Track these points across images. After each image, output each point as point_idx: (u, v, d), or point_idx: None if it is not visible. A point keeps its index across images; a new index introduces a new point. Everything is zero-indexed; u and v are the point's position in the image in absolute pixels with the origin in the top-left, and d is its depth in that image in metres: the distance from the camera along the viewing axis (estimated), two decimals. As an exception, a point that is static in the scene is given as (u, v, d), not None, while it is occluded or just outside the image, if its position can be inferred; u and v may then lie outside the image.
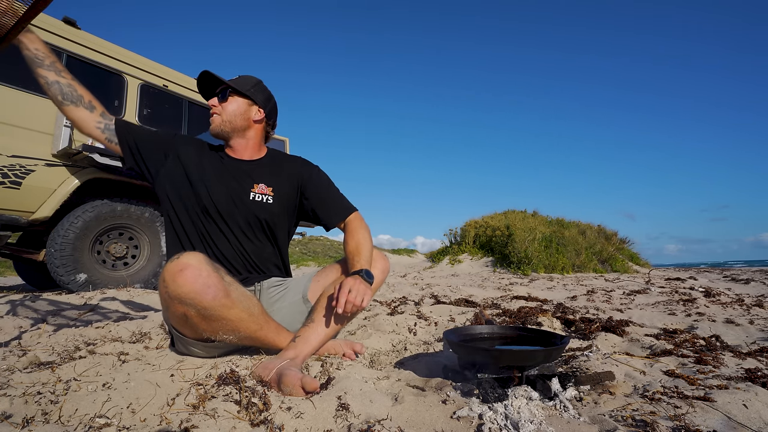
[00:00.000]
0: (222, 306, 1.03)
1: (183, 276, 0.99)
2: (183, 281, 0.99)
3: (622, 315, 2.40)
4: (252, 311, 1.11)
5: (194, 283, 0.99)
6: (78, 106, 1.26)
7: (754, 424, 0.81)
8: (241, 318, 1.07)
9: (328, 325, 1.20)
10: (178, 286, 1.00)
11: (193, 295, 1.00)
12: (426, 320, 1.95)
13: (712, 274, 7.39)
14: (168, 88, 3.92)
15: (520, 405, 0.86)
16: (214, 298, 1.01)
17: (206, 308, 1.02)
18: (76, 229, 3.05)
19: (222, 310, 1.04)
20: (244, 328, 1.09)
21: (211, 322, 1.05)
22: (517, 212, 12.90)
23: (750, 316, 2.25)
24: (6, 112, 2.84)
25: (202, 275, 1.00)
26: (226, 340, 1.11)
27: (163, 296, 1.06)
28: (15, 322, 1.69)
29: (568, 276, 7.70)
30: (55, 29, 3.15)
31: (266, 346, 1.19)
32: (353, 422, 0.80)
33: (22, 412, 0.79)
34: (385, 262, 1.36)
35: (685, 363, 1.27)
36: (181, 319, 1.08)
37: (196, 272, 1.00)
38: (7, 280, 7.01)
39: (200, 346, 1.19)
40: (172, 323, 1.16)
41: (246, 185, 1.35)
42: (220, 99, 1.35)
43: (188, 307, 1.02)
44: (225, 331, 1.08)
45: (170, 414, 0.82)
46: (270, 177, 1.40)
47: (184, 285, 0.99)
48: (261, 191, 1.36)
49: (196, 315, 1.04)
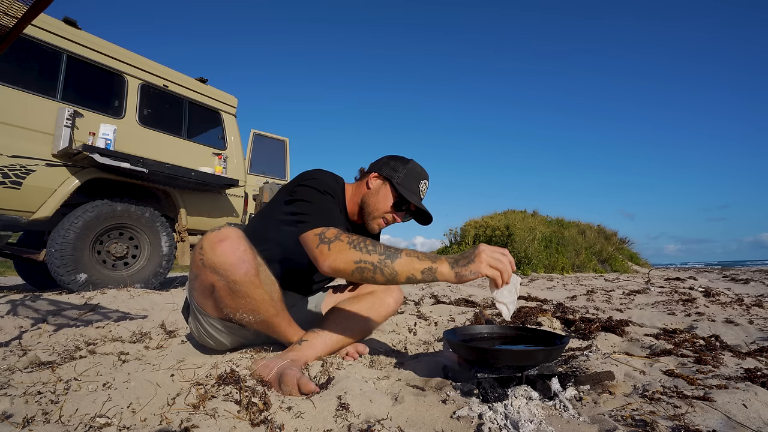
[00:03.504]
0: (250, 283, 1.04)
1: (222, 246, 1.01)
2: (221, 251, 1.01)
3: (622, 315, 2.40)
4: (273, 296, 1.11)
5: (231, 255, 1.01)
6: None
7: (753, 424, 0.81)
8: (264, 299, 1.08)
9: (336, 338, 1.22)
10: (216, 254, 1.01)
11: (228, 266, 1.01)
12: (426, 320, 1.96)
13: (712, 274, 7.39)
14: (168, 88, 3.92)
15: (520, 405, 0.86)
16: (246, 274, 1.02)
17: (236, 282, 1.03)
18: (77, 229, 3.05)
19: (249, 288, 1.04)
20: (263, 310, 1.10)
21: (236, 298, 1.06)
22: (517, 212, 12.90)
23: (749, 315, 2.25)
24: (6, 112, 2.84)
25: (240, 249, 1.02)
26: (243, 320, 1.12)
27: (197, 263, 1.07)
28: (15, 322, 1.69)
29: (567, 276, 7.71)
30: (55, 29, 3.15)
31: (276, 334, 1.20)
32: (353, 422, 0.80)
33: (22, 411, 0.79)
34: (400, 292, 1.38)
35: (685, 363, 1.27)
36: (207, 290, 1.09)
37: (235, 245, 1.02)
38: (7, 280, 7.02)
39: (217, 324, 1.19)
40: (195, 295, 1.16)
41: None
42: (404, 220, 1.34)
43: (219, 277, 1.03)
44: (245, 310, 1.09)
45: (170, 414, 0.82)
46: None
47: (222, 255, 1.01)
48: None
49: (225, 287, 1.04)
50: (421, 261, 0.96)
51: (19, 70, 3.02)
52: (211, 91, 4.30)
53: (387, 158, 1.34)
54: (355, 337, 1.28)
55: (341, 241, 1.00)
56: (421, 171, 1.31)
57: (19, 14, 0.83)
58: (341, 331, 1.23)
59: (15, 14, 0.84)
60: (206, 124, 4.37)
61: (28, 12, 0.81)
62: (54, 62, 3.15)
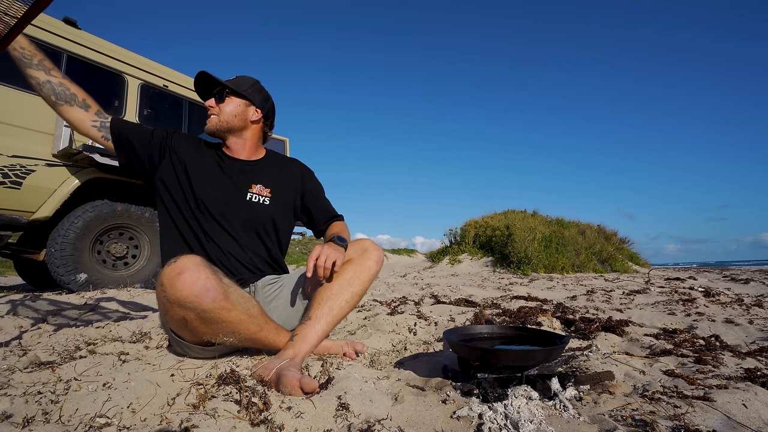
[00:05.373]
0: (222, 309, 1.01)
1: (181, 279, 0.97)
2: (182, 285, 0.97)
3: (622, 315, 2.40)
4: (251, 312, 1.09)
5: (193, 286, 0.97)
6: (72, 105, 1.26)
7: (753, 424, 0.81)
8: (241, 320, 1.06)
9: (325, 321, 1.19)
10: (177, 290, 0.98)
11: (192, 298, 0.98)
12: (426, 320, 1.96)
13: (712, 273, 7.39)
14: (168, 88, 3.92)
15: (520, 405, 0.86)
16: (213, 301, 0.99)
17: (206, 311, 1.00)
18: (77, 229, 3.05)
19: (222, 313, 1.02)
20: (244, 329, 1.08)
21: (211, 325, 1.04)
22: (517, 212, 12.90)
23: (749, 315, 2.25)
24: (6, 112, 2.84)
25: (201, 278, 0.98)
26: (226, 342, 1.10)
27: (162, 300, 1.04)
28: (15, 322, 1.69)
29: (567, 276, 7.71)
30: (55, 29, 3.15)
31: (266, 347, 1.19)
32: (353, 422, 0.80)
33: (22, 411, 0.79)
34: (378, 252, 1.32)
35: (685, 363, 1.27)
36: (180, 323, 1.07)
37: (195, 275, 0.98)
38: (7, 280, 7.02)
39: (198, 350, 1.19)
40: (170, 327, 1.15)
41: (243, 186, 1.35)
42: (218, 100, 1.36)
43: (188, 310, 1.00)
44: (225, 334, 1.07)
45: (170, 414, 0.82)
46: (268, 178, 1.40)
47: (183, 288, 0.97)
48: (259, 192, 1.37)
49: (196, 318, 1.02)
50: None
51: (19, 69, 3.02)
52: (211, 91, 4.31)
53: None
54: (345, 312, 1.23)
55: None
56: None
57: (19, 14, 0.83)
58: (329, 312, 1.19)
59: (15, 14, 0.84)
60: (206, 123, 4.38)
61: (28, 12, 0.81)
62: (54, 62, 3.15)
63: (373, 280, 1.32)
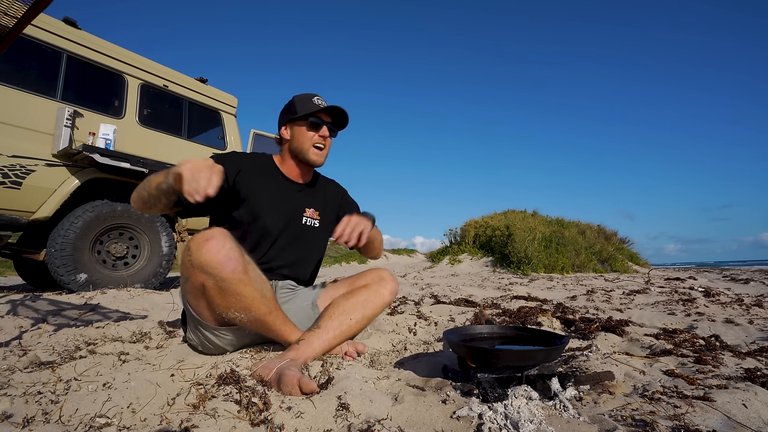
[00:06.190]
0: (239, 281, 1.07)
1: (208, 245, 1.04)
2: (207, 250, 1.04)
3: (622, 315, 2.40)
4: (265, 293, 1.14)
5: (218, 253, 1.04)
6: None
7: (753, 424, 0.81)
8: (254, 296, 1.10)
9: (333, 334, 1.23)
10: (202, 254, 1.04)
11: (215, 264, 1.04)
12: (426, 320, 1.95)
13: (712, 273, 7.39)
14: (168, 88, 3.92)
15: (520, 405, 0.86)
16: (233, 271, 1.05)
17: (225, 279, 1.05)
18: (77, 229, 3.05)
19: (238, 285, 1.07)
20: (255, 307, 1.12)
21: (226, 296, 1.08)
22: (517, 212, 12.91)
23: (749, 315, 2.25)
24: (6, 112, 2.84)
25: (226, 247, 1.05)
26: (237, 319, 1.13)
27: (186, 265, 1.10)
28: (15, 322, 1.69)
29: (567, 276, 7.71)
30: (55, 29, 3.15)
31: (272, 334, 1.21)
32: (353, 422, 0.80)
33: (22, 411, 0.79)
34: (394, 284, 1.40)
35: (685, 363, 1.27)
36: (198, 290, 1.11)
37: (221, 243, 1.05)
38: (7, 280, 7.02)
39: (213, 332, 1.22)
40: (189, 299, 1.18)
41: (300, 209, 1.43)
42: (332, 134, 1.44)
43: (208, 276, 1.06)
44: (237, 308, 1.11)
45: (170, 414, 0.82)
46: (317, 201, 1.49)
47: (208, 254, 1.04)
48: (311, 215, 1.45)
49: (214, 286, 1.07)
50: (164, 173, 1.09)
51: (19, 70, 3.02)
52: (211, 91, 4.30)
53: (280, 115, 1.46)
54: (353, 331, 1.29)
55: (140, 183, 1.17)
56: (307, 94, 1.40)
57: (19, 14, 0.83)
58: (338, 326, 1.24)
59: (15, 14, 0.84)
60: (206, 124, 4.37)
61: (28, 12, 0.81)
62: (54, 62, 3.15)
63: (384, 308, 1.40)
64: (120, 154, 3.17)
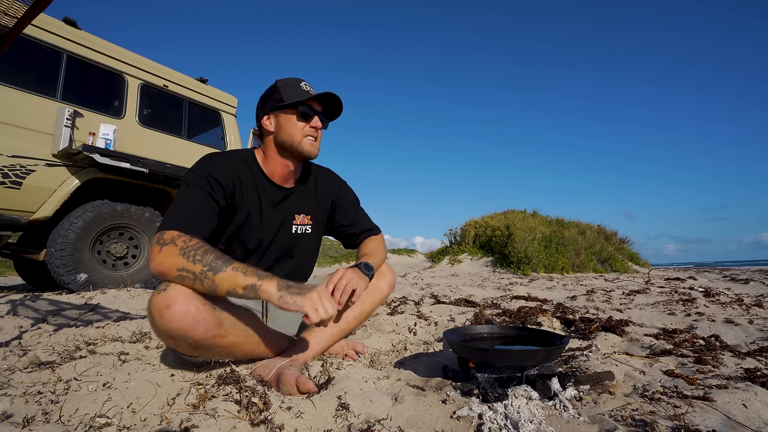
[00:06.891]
0: (215, 336, 0.97)
1: (170, 312, 0.91)
2: (170, 318, 0.91)
3: (622, 315, 2.40)
4: (247, 334, 1.05)
5: (182, 320, 0.91)
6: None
7: (753, 424, 0.81)
8: (236, 343, 1.03)
9: (332, 333, 1.21)
10: (166, 322, 0.91)
11: (183, 331, 0.93)
12: (426, 320, 1.95)
13: (712, 273, 7.39)
14: (168, 88, 3.92)
15: (520, 405, 0.86)
16: (205, 332, 0.95)
17: (198, 341, 0.96)
18: (77, 229, 3.04)
19: (215, 340, 0.98)
20: (239, 350, 1.06)
21: (205, 351, 1.01)
22: (517, 212, 12.90)
23: (749, 315, 2.25)
24: (6, 112, 2.84)
25: (191, 311, 0.92)
26: (225, 359, 1.09)
27: (152, 327, 0.98)
28: (15, 322, 1.69)
29: (567, 276, 7.71)
30: (55, 29, 3.15)
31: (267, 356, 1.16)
32: (353, 422, 0.80)
33: (22, 411, 0.79)
34: (392, 276, 1.35)
35: (685, 363, 1.27)
36: (172, 346, 1.03)
37: (184, 309, 0.91)
38: (7, 280, 7.02)
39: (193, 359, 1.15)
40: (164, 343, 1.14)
41: (288, 218, 1.30)
42: (324, 125, 1.26)
43: (178, 340, 0.96)
44: (222, 355, 1.05)
45: (170, 413, 0.82)
46: (307, 204, 1.34)
47: (172, 321, 0.91)
48: (302, 222, 1.32)
49: (189, 346, 0.98)
50: (246, 276, 0.93)
51: (19, 70, 3.02)
52: (211, 91, 4.30)
53: (259, 103, 1.26)
54: (352, 326, 1.26)
55: (174, 246, 0.95)
56: (292, 79, 1.22)
57: (19, 14, 0.83)
58: (337, 324, 1.21)
59: (15, 14, 0.85)
60: (206, 123, 4.37)
61: (28, 12, 0.81)
62: (54, 62, 3.15)
63: (383, 302, 1.33)
64: (120, 154, 3.16)
